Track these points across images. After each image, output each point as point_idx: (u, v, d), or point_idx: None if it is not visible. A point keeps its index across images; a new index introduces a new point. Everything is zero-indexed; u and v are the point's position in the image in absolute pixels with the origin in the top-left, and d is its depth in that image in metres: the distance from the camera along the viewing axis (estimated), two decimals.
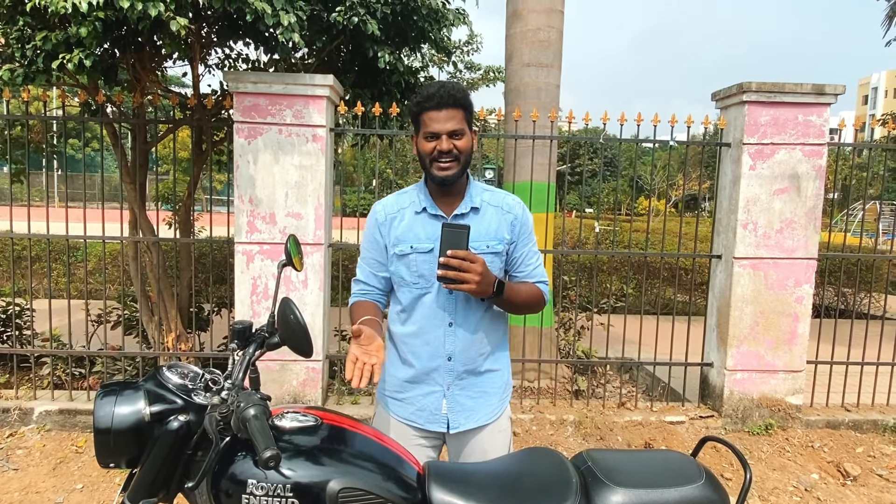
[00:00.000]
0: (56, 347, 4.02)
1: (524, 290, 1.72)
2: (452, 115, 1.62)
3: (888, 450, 3.76)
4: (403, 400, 1.75)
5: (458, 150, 1.63)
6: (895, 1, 9.65)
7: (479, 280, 1.53)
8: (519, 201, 1.78)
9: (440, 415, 1.72)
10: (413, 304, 1.71)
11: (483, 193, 1.75)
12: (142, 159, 4.13)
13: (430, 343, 1.70)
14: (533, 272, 1.77)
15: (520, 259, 1.75)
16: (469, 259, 1.52)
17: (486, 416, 1.75)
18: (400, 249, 1.70)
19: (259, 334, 1.49)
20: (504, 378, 1.81)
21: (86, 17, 2.78)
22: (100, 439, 1.27)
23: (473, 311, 1.70)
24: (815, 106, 3.78)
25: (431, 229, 1.68)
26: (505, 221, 1.72)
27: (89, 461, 3.35)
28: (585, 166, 21.87)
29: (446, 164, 1.63)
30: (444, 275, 1.53)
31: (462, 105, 1.63)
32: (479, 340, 1.72)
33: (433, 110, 1.62)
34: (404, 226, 1.71)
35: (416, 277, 1.69)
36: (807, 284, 3.87)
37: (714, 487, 1.45)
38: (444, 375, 1.71)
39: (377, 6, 3.55)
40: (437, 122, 1.61)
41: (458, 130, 1.62)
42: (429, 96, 1.61)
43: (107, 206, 3.83)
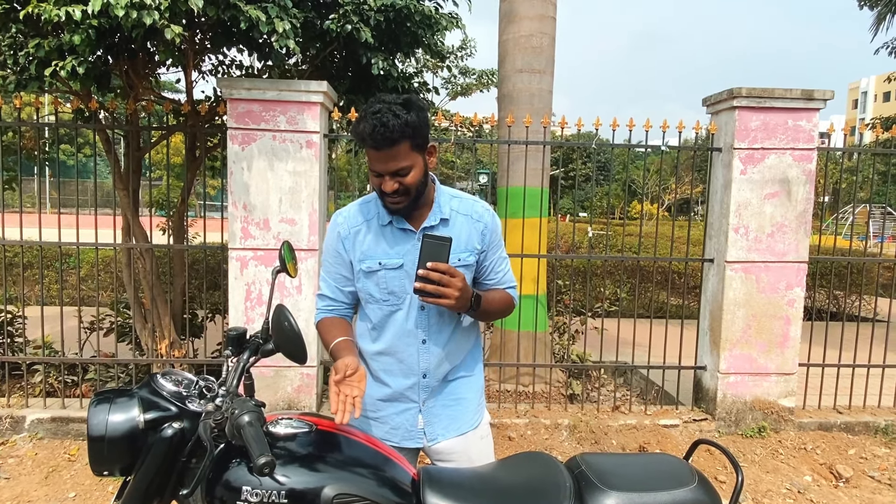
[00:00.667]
0: (48, 355, 3.99)
1: (497, 299, 1.68)
2: (393, 154, 1.46)
3: (880, 451, 3.79)
4: (377, 419, 1.68)
5: (404, 185, 1.50)
6: (882, 7, 9.77)
7: (459, 295, 1.46)
8: (487, 207, 1.70)
9: (416, 430, 1.68)
10: (384, 321, 1.64)
11: (451, 201, 1.66)
12: (135, 165, 4.13)
13: (404, 361, 1.64)
14: (503, 279, 1.72)
15: (490, 267, 1.70)
16: (449, 273, 1.45)
17: (467, 423, 1.71)
18: (367, 266, 1.60)
19: (253, 341, 1.50)
20: (479, 383, 1.77)
21: (79, 24, 2.79)
22: (94, 447, 1.27)
23: (446, 326, 1.65)
24: (805, 111, 3.82)
25: (400, 244, 1.59)
26: (475, 231, 1.65)
27: (82, 469, 3.32)
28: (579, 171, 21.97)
29: (395, 201, 1.53)
30: (422, 288, 1.45)
31: (404, 137, 1.44)
32: (452, 354, 1.67)
33: (371, 149, 1.47)
34: (370, 240, 1.61)
35: (385, 294, 1.61)
36: (798, 288, 3.90)
37: (706, 490, 1.46)
38: (419, 392, 1.66)
39: (370, 13, 3.57)
40: (379, 163, 1.48)
41: (401, 169, 1.48)
42: (362, 137, 1.45)
43: (100, 212, 3.82)
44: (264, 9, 3.13)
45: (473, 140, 4.35)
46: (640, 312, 5.26)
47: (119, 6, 2.69)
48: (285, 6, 3.26)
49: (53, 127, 3.91)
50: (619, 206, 12.70)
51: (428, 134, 1.53)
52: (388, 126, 1.41)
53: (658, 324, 4.14)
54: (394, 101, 1.46)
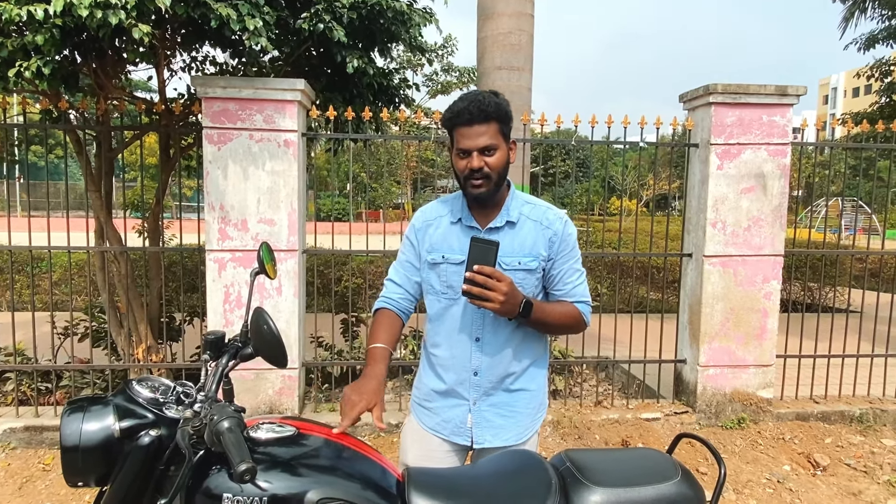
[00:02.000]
0: (20, 362, 3.89)
1: (558, 311, 1.65)
2: (483, 131, 1.54)
3: (855, 439, 3.87)
4: (430, 409, 1.73)
5: (489, 167, 1.56)
6: (851, 3, 9.99)
7: (504, 300, 1.47)
8: (561, 216, 1.69)
9: (465, 428, 1.68)
10: (441, 314, 1.69)
11: (523, 206, 1.68)
12: (107, 167, 4.03)
13: (457, 357, 1.67)
14: (572, 290, 1.68)
15: (558, 276, 1.67)
16: (495, 277, 1.46)
17: (515, 436, 1.69)
18: (432, 258, 1.67)
19: (232, 344, 1.46)
20: (538, 399, 1.75)
21: (42, 24, 2.70)
22: (67, 457, 1.23)
23: (502, 328, 1.64)
24: (779, 107, 3.88)
25: (465, 241, 1.60)
26: (543, 237, 1.65)
27: (57, 479, 3.24)
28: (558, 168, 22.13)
29: (478, 183, 1.57)
30: (468, 290, 1.48)
31: (496, 117, 1.54)
32: (507, 358, 1.66)
33: (464, 126, 1.54)
34: (439, 234, 1.68)
35: (445, 287, 1.66)
36: (774, 280, 3.97)
37: (690, 483, 1.47)
38: (470, 390, 1.67)
39: (343, 11, 3.53)
40: (468, 139, 1.55)
41: (489, 146, 1.55)
42: (459, 112, 1.54)
43: (72, 214, 3.73)
44: (235, 6, 3.07)
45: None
46: (620, 308, 5.30)
47: (82, 6, 2.61)
48: (257, 4, 3.20)
49: (22, 128, 3.79)
50: (599, 202, 12.80)
51: (510, 128, 1.62)
52: (485, 102, 1.53)
53: (638, 318, 4.18)
54: (486, 92, 1.59)
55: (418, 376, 1.81)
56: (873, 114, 9.12)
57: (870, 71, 9.94)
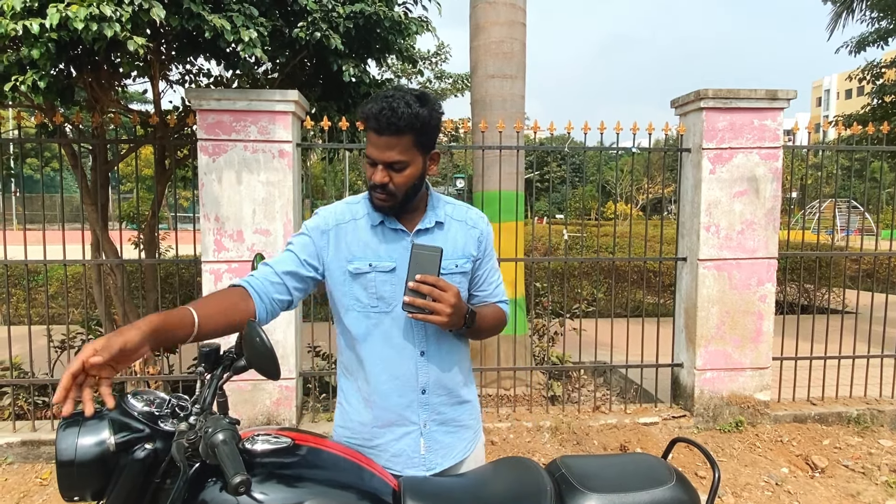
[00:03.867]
0: (17, 376, 3.88)
1: (490, 315, 1.57)
2: (393, 144, 1.34)
3: (853, 441, 3.88)
4: (375, 447, 1.52)
5: (394, 184, 1.38)
6: (838, 5, 10.08)
7: (451, 312, 1.35)
8: (482, 215, 1.62)
9: (419, 457, 1.51)
10: (370, 332, 1.47)
11: (446, 207, 1.55)
12: (103, 179, 4.04)
13: (400, 377, 1.48)
14: (495, 291, 1.62)
15: (483, 277, 1.59)
16: (440, 286, 1.34)
17: (462, 451, 1.59)
18: (355, 267, 1.45)
19: (227, 357, 1.47)
20: (477, 408, 1.65)
21: (38, 38, 2.72)
22: (63, 472, 1.23)
23: (446, 337, 1.51)
24: (770, 111, 3.91)
25: (392, 246, 1.47)
26: (471, 237, 1.55)
27: (54, 494, 3.23)
28: (554, 173, 22.21)
29: (381, 197, 1.41)
30: (411, 302, 1.34)
31: (410, 129, 1.34)
32: (454, 369, 1.54)
33: (373, 132, 1.35)
34: (358, 239, 1.47)
35: (374, 300, 1.45)
36: (769, 283, 3.98)
37: (685, 488, 1.48)
38: (419, 411, 1.50)
39: (339, 20, 3.56)
40: (375, 149, 1.37)
41: (397, 162, 1.36)
42: (370, 115, 1.34)
43: (68, 227, 3.73)
44: (229, 18, 3.09)
45: (448, 146, 4.38)
46: (617, 312, 5.32)
47: (78, 19, 2.63)
48: (251, 15, 3.23)
49: (17, 142, 3.80)
50: (595, 207, 12.86)
51: (436, 137, 1.43)
52: (397, 112, 1.31)
53: (635, 323, 4.19)
54: (410, 92, 1.36)
55: (343, 415, 1.57)
56: (865, 116, 9.19)
57: (861, 73, 10.02)
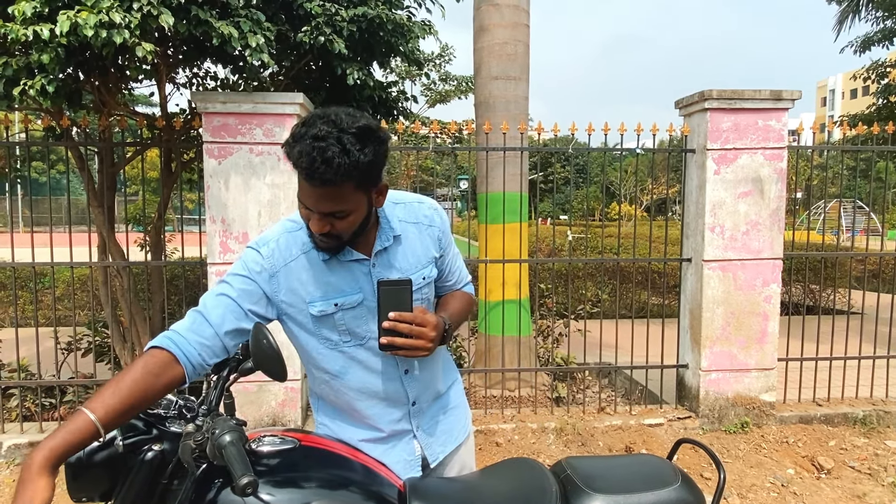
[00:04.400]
0: (24, 378, 3.90)
1: (459, 309, 1.55)
2: (330, 194, 1.18)
3: (859, 442, 3.87)
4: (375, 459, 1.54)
5: (336, 230, 1.26)
6: (845, 6, 10.04)
7: (433, 345, 1.31)
8: (434, 206, 1.51)
9: (415, 458, 1.55)
10: (347, 366, 1.44)
11: (395, 210, 1.43)
12: (109, 182, 4.07)
13: (388, 398, 1.48)
14: (460, 276, 1.61)
15: (447, 268, 1.56)
16: (417, 321, 1.29)
17: (462, 431, 1.66)
18: (319, 310, 1.36)
19: (233, 358, 1.48)
20: (460, 385, 1.70)
21: (48, 43, 2.75)
22: (71, 473, 1.24)
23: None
24: (774, 111, 3.90)
25: (352, 276, 1.37)
26: (430, 237, 1.48)
27: (61, 495, 3.23)
28: (557, 174, 22.23)
29: (326, 242, 1.30)
30: (390, 342, 1.29)
31: (349, 179, 1.16)
32: (437, 374, 1.57)
33: (304, 179, 1.18)
34: (314, 279, 1.35)
35: (346, 336, 1.40)
36: (774, 284, 3.97)
37: (690, 489, 1.48)
38: (410, 420, 1.54)
39: (343, 24, 3.57)
40: (309, 198, 1.21)
41: (337, 212, 1.22)
42: (297, 164, 1.15)
43: (75, 229, 3.75)
44: (236, 24, 3.11)
45: (452, 148, 4.38)
46: (621, 313, 5.31)
47: (88, 26, 2.65)
48: (258, 20, 3.25)
49: (24, 145, 3.83)
50: (598, 208, 12.83)
51: (382, 172, 1.25)
52: (332, 165, 1.12)
53: (640, 324, 4.19)
54: (347, 129, 1.14)
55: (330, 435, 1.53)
56: (870, 115, 9.15)
57: (866, 73, 9.98)
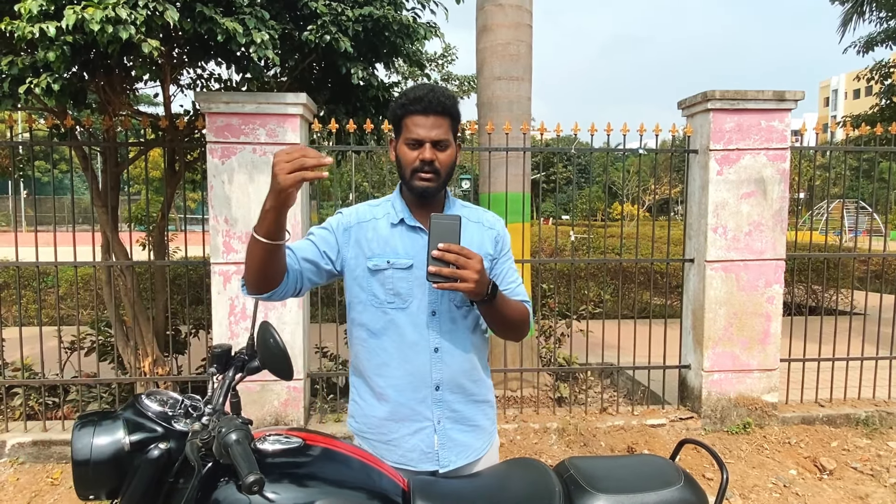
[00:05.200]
0: (28, 377, 3.92)
1: (513, 303, 1.56)
2: (439, 124, 1.48)
3: (861, 442, 3.86)
4: (389, 442, 1.57)
5: (440, 162, 1.49)
6: (849, 7, 10.02)
7: (478, 278, 1.34)
8: (498, 218, 1.68)
9: (432, 452, 1.56)
10: (386, 327, 1.53)
11: (462, 209, 1.62)
12: (113, 182, 4.08)
13: (413, 372, 1.52)
14: (516, 290, 1.62)
15: (500, 276, 1.62)
16: (465, 254, 1.34)
17: (477, 451, 1.62)
18: (374, 264, 1.52)
19: (239, 357, 1.48)
20: (494, 409, 1.70)
21: (54, 41, 2.76)
22: (79, 471, 1.25)
23: (461, 333, 1.55)
24: (777, 111, 3.90)
25: (410, 243, 1.53)
26: (488, 237, 1.61)
27: (65, 493, 3.26)
28: (560, 174, 22.23)
29: (427, 176, 1.49)
30: (437, 271, 1.32)
31: (450, 114, 1.50)
32: (467, 366, 1.57)
33: (419, 115, 1.47)
34: (378, 237, 1.54)
35: (391, 296, 1.52)
36: (777, 284, 3.97)
37: (693, 489, 1.48)
38: (433, 407, 1.55)
39: (349, 24, 3.58)
40: (422, 129, 1.47)
41: (442, 141, 1.48)
42: (416, 99, 1.47)
43: (78, 228, 3.76)
44: (241, 21, 3.12)
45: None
46: (624, 313, 5.31)
47: (94, 21, 2.66)
48: (262, 18, 3.26)
49: (28, 145, 3.85)
50: (601, 208, 12.82)
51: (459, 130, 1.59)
52: (444, 95, 1.49)
53: (642, 324, 4.19)
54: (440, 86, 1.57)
55: (358, 411, 1.62)
56: (874, 116, 9.13)
57: (870, 73, 9.96)
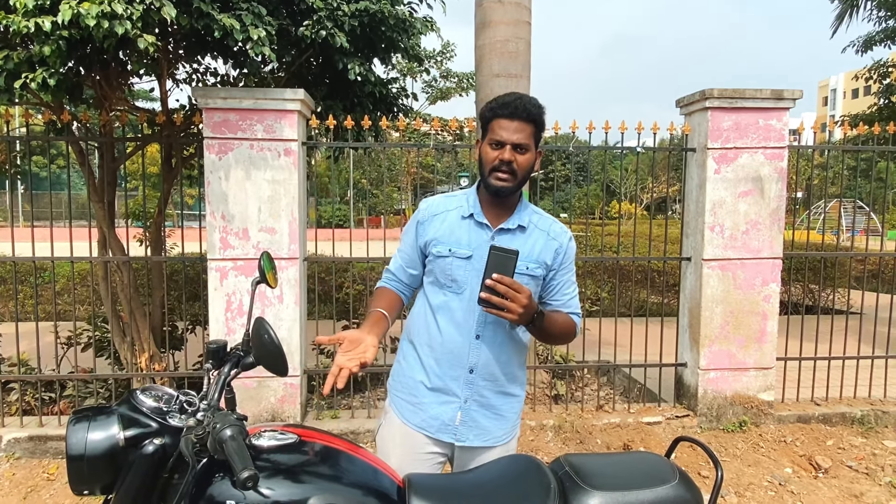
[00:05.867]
0: (24, 372, 3.91)
1: (560, 322, 1.69)
2: (522, 128, 1.59)
3: (856, 441, 3.88)
4: (417, 405, 1.71)
5: (518, 164, 1.60)
6: (843, 4, 10.00)
7: (523, 312, 1.48)
8: (566, 230, 1.76)
9: (452, 426, 1.69)
10: (441, 306, 1.68)
11: (532, 215, 1.73)
12: (110, 177, 4.06)
13: (454, 352, 1.67)
14: (569, 302, 1.74)
15: (557, 287, 1.73)
16: (514, 288, 1.46)
17: (497, 437, 1.73)
18: (438, 250, 1.67)
19: (234, 353, 1.48)
20: (521, 404, 1.79)
21: (49, 36, 2.74)
22: (73, 466, 1.25)
23: (502, 328, 1.66)
24: (775, 110, 3.90)
25: (474, 236, 1.66)
26: (549, 248, 1.70)
27: (61, 489, 3.26)
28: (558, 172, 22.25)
29: (504, 176, 1.61)
30: (487, 298, 1.47)
31: (534, 121, 1.61)
32: (503, 358, 1.68)
33: (504, 118, 1.59)
34: (446, 227, 1.69)
35: (448, 281, 1.66)
36: (773, 283, 3.98)
37: (687, 487, 1.48)
38: (464, 387, 1.68)
39: (345, 19, 3.57)
40: (506, 131, 1.59)
41: (523, 144, 1.60)
42: (504, 104, 1.60)
43: (75, 224, 3.75)
44: (238, 17, 3.11)
45: (453, 145, 4.38)
46: (621, 311, 5.32)
47: (90, 16, 2.65)
48: (259, 14, 3.24)
49: (25, 140, 3.83)
50: (599, 206, 12.84)
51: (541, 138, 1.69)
52: (530, 102, 1.60)
53: (639, 322, 4.19)
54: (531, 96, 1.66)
55: (399, 370, 1.78)
56: (872, 116, 9.14)
57: (868, 73, 9.96)
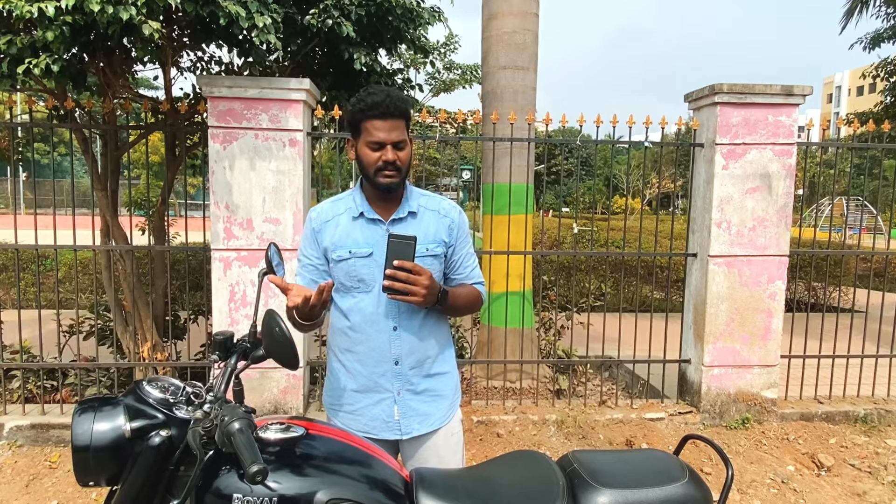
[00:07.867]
0: (26, 360, 3.90)
1: (464, 294, 1.77)
2: (396, 125, 1.62)
3: (859, 440, 3.87)
4: (354, 412, 1.75)
5: (400, 160, 1.64)
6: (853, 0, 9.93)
7: (426, 293, 1.56)
8: (454, 205, 1.82)
9: (393, 422, 1.73)
10: (352, 309, 1.71)
11: (420, 198, 1.77)
12: (113, 165, 4.04)
13: (375, 349, 1.70)
14: (471, 273, 1.82)
15: (458, 262, 1.80)
16: (415, 271, 1.55)
17: (439, 419, 1.76)
18: (338, 255, 1.70)
19: (240, 345, 1.47)
20: (454, 379, 1.83)
21: (53, 21, 2.71)
22: (78, 457, 1.23)
23: (416, 313, 1.71)
24: (785, 106, 3.87)
25: (370, 233, 1.70)
26: (443, 225, 1.75)
27: (63, 477, 3.26)
28: (561, 166, 22.16)
29: (391, 173, 1.64)
30: (390, 286, 1.55)
31: (405, 115, 1.64)
32: (425, 342, 1.73)
33: (377, 119, 1.61)
34: (341, 231, 1.71)
35: (355, 282, 1.70)
36: (779, 280, 3.96)
37: (697, 485, 1.47)
38: (393, 380, 1.72)
39: (351, 8, 3.53)
40: (382, 132, 1.61)
41: (401, 142, 1.63)
42: (374, 104, 1.60)
43: (78, 212, 3.73)
44: (244, 4, 3.07)
45: (458, 138, 4.36)
46: (624, 307, 5.30)
47: (94, 1, 2.62)
48: (265, 1, 3.21)
49: (28, 127, 3.80)
50: (602, 201, 12.80)
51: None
52: (399, 98, 1.61)
53: (643, 318, 4.17)
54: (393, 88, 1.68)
55: (329, 386, 1.83)
56: (878, 114, 9.09)
57: (875, 70, 9.90)
